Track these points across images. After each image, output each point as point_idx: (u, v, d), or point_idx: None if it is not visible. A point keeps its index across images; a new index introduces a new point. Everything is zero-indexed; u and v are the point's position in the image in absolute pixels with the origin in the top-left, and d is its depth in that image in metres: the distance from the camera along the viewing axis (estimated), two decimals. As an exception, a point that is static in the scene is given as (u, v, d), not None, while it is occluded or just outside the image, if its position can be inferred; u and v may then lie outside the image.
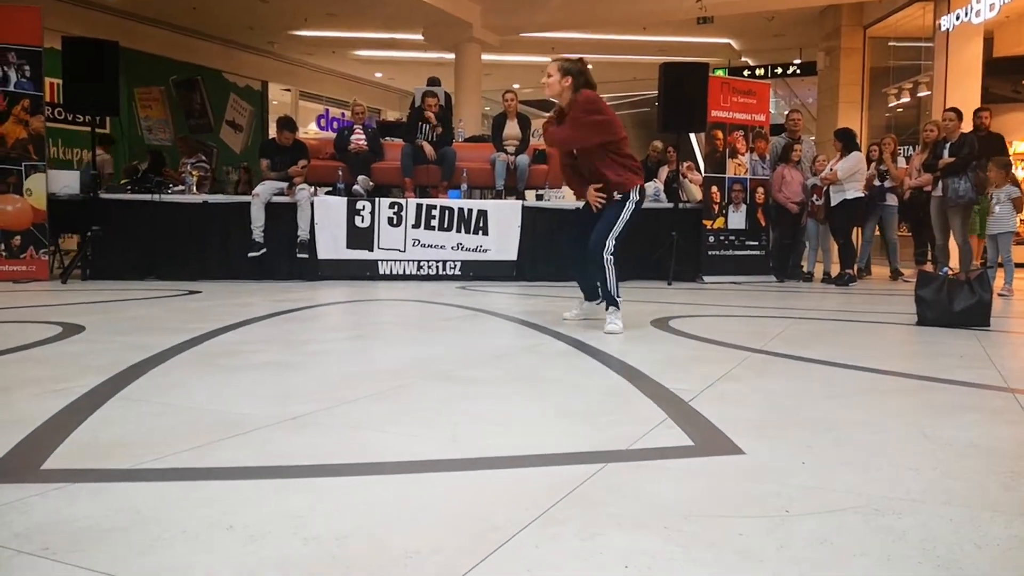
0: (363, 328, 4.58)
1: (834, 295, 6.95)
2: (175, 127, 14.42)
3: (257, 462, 1.82)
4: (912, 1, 12.21)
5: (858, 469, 1.81)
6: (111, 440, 1.98)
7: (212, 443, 1.95)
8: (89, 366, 2.95)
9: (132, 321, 4.48)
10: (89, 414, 2.22)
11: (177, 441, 1.96)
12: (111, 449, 1.90)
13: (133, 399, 2.44)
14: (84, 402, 2.37)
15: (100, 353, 3.27)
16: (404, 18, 13.76)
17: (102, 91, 7.33)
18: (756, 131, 8.61)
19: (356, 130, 8.56)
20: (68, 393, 2.47)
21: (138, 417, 2.22)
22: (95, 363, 3.01)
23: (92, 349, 3.41)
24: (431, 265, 7.82)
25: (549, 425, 2.22)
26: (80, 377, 2.72)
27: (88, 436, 2.01)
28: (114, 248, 7.42)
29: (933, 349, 3.81)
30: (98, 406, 2.32)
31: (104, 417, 2.21)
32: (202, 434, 2.02)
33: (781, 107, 19.43)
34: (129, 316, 4.73)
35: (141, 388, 2.60)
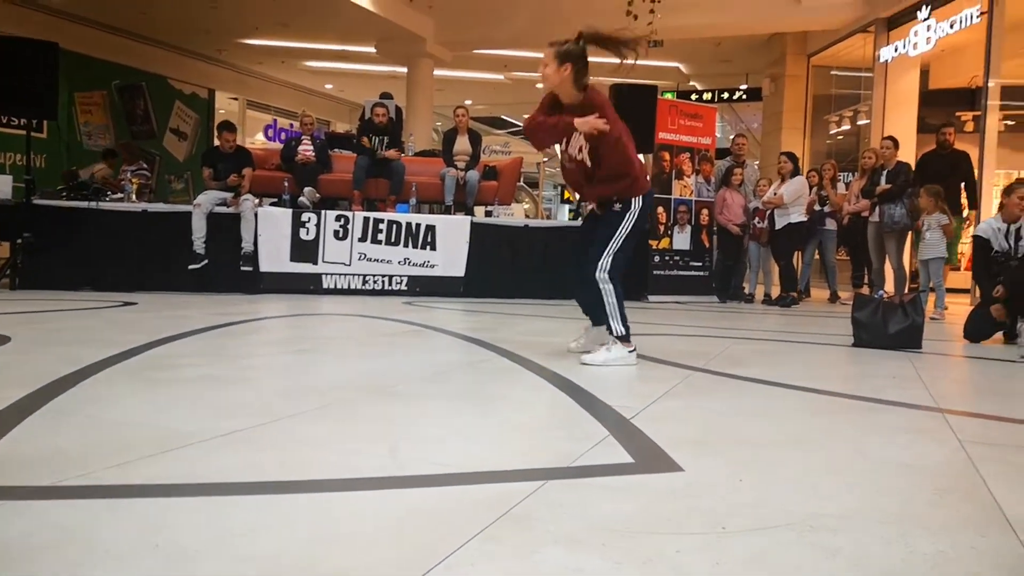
0: (304, 343, 4.51)
1: (774, 316, 7.08)
2: (116, 133, 14.09)
3: (188, 479, 1.76)
4: (853, 32, 12.60)
5: (794, 487, 1.84)
6: (35, 455, 1.90)
7: (141, 459, 1.88)
8: (13, 378, 2.84)
9: (62, 332, 4.34)
10: (12, 428, 2.13)
11: (105, 457, 1.89)
12: (35, 465, 1.83)
13: (60, 413, 2.34)
14: (7, 416, 2.27)
15: (26, 365, 3.16)
16: (357, 31, 13.69)
17: (39, 94, 7.11)
18: (702, 154, 8.78)
19: (304, 141, 8.47)
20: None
21: (65, 431, 2.14)
22: (20, 375, 2.90)
23: (18, 361, 3.28)
24: (377, 280, 7.75)
25: (491, 442, 2.20)
26: (3, 390, 2.60)
27: (11, 451, 1.93)
28: (47, 257, 7.17)
29: (868, 370, 3.90)
30: (22, 420, 2.22)
31: (28, 431, 2.12)
32: (131, 449, 1.95)
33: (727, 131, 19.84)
34: (59, 327, 4.58)
35: (68, 401, 2.50)
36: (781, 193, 8.16)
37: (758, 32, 13.99)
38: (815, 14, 12.47)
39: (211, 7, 13.29)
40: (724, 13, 12.76)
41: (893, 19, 11.68)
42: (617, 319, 3.64)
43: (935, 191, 7.02)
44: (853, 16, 12.31)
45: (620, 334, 3.64)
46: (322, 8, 12.31)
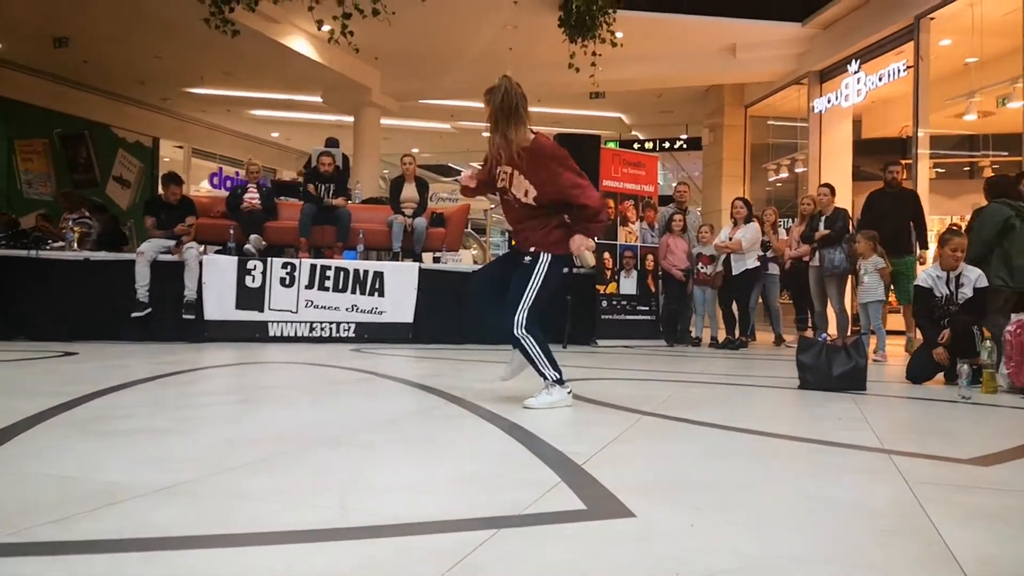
0: (248, 392, 4.42)
1: (720, 359, 7.17)
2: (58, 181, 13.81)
3: (127, 534, 1.70)
4: (788, 84, 13.08)
5: (745, 530, 1.85)
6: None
7: (79, 514, 1.81)
8: (-57, 433, 2.72)
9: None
10: (-60, 485, 2.04)
11: (40, 512, 1.82)
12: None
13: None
14: (-65, 472, 2.18)
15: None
16: (304, 80, 13.73)
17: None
18: (645, 201, 8.95)
19: (250, 188, 8.41)
20: (-83, 462, 2.27)
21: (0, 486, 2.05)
22: (-49, 429, 2.78)
23: (-52, 414, 3.15)
24: (324, 327, 7.66)
25: (442, 491, 2.17)
26: (-68, 445, 2.50)
27: (-63, 509, 1.85)
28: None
29: (814, 412, 3.96)
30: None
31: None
32: (68, 504, 1.88)
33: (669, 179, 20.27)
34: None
35: (4, 455, 2.41)
36: (739, 238, 8.33)
37: (697, 84, 14.43)
38: (750, 67, 12.95)
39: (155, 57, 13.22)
40: (664, 66, 13.17)
41: (825, 72, 12.17)
42: (547, 366, 3.67)
43: (871, 235, 7.24)
44: (786, 69, 12.81)
45: (555, 379, 3.67)
46: (268, 58, 12.33)
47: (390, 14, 8.63)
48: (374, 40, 10.33)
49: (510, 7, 10.12)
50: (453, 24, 11.27)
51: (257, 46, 11.29)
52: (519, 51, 12.43)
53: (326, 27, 8.93)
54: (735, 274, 8.42)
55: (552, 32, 10.35)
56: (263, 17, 10.07)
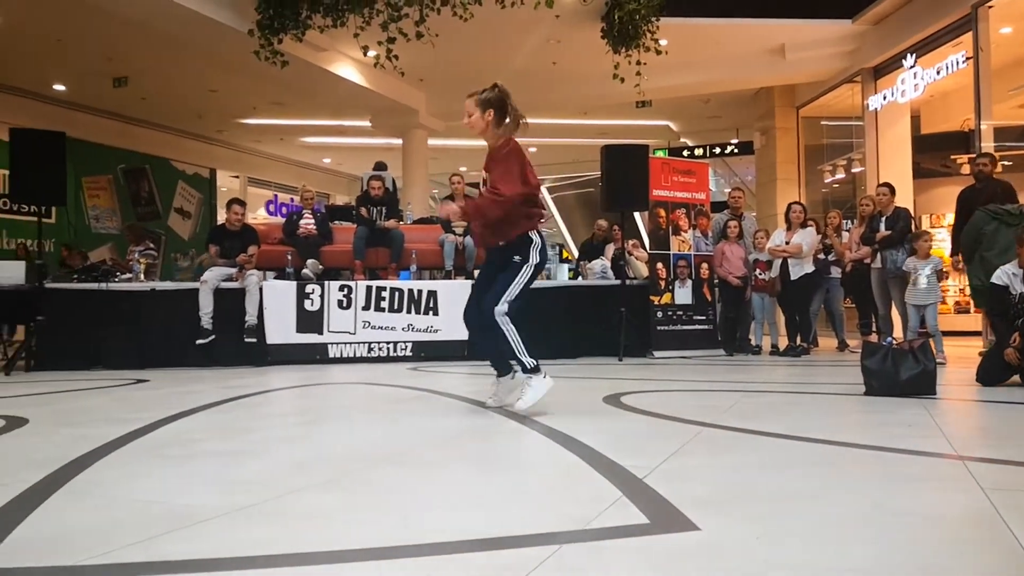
0: (312, 413, 4.51)
1: (782, 367, 7.06)
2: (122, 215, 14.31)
3: (205, 555, 1.76)
4: (840, 83, 12.85)
5: (812, 542, 1.83)
6: (57, 534, 1.91)
7: (159, 536, 1.88)
8: (33, 459, 2.85)
9: (78, 412, 4.35)
10: (33, 509, 2.14)
11: (124, 535, 1.89)
12: (56, 544, 1.83)
13: (79, 492, 2.35)
14: (29, 496, 2.28)
15: (45, 446, 3.18)
16: (352, 106, 13.98)
17: (49, 181, 7.31)
18: (698, 209, 8.87)
19: (305, 215, 8.60)
20: (12, 487, 2.38)
21: (84, 511, 2.15)
22: (39, 456, 2.91)
23: (36, 442, 3.31)
24: (382, 347, 7.77)
25: (503, 507, 2.19)
26: (24, 471, 2.62)
27: (32, 532, 1.94)
28: (60, 338, 7.25)
29: (881, 418, 3.87)
30: (42, 500, 2.24)
31: (49, 511, 2.13)
32: (149, 527, 1.95)
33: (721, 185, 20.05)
34: (74, 407, 4.60)
35: (87, 481, 2.51)
36: (797, 242, 8.21)
37: (746, 87, 14.27)
38: (801, 67, 12.74)
39: (210, 91, 13.64)
40: (711, 71, 13.04)
41: (879, 68, 11.93)
42: (523, 352, 3.82)
43: (927, 237, 7.11)
44: (839, 67, 12.58)
45: (532, 366, 3.83)
46: (317, 86, 12.61)
47: (433, 36, 8.77)
48: (419, 62, 10.49)
49: (552, 21, 10.18)
50: (496, 42, 11.38)
51: (306, 75, 11.56)
52: (563, 65, 12.47)
53: (372, 52, 9.12)
54: (793, 279, 8.28)
55: (595, 44, 10.37)
56: (310, 46, 10.31)
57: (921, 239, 7.14)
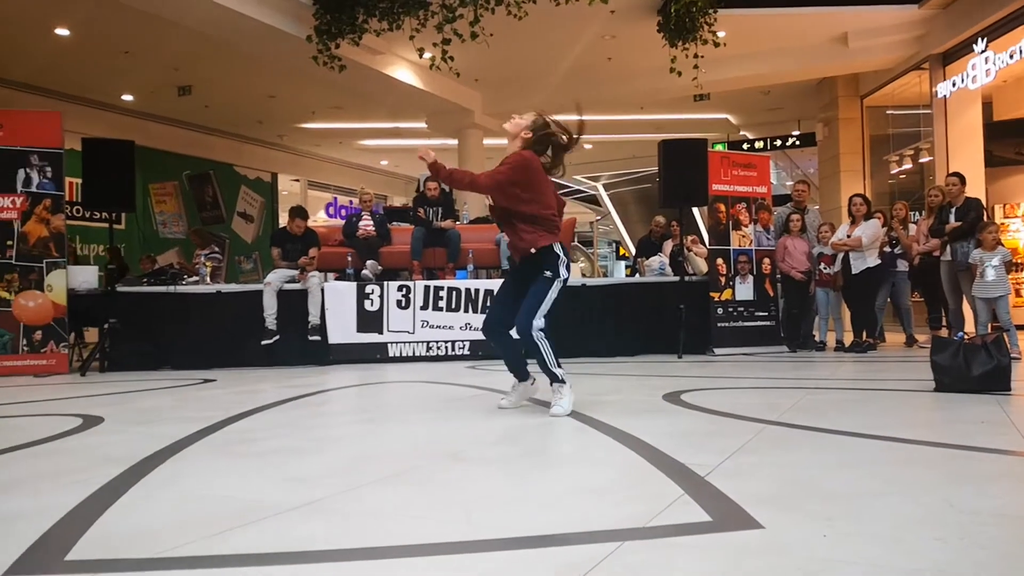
0: (373, 411, 4.57)
1: (848, 364, 6.90)
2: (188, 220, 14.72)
3: (274, 548, 1.81)
4: (907, 70, 12.45)
5: (880, 541, 1.78)
6: (132, 529, 1.99)
7: (229, 530, 1.94)
8: (109, 456, 2.96)
9: (149, 411, 4.51)
10: (111, 504, 2.24)
11: (195, 529, 1.96)
12: (133, 538, 1.91)
13: (152, 488, 2.45)
14: (106, 492, 2.38)
15: (120, 443, 3.30)
16: (408, 107, 14.12)
17: (119, 188, 7.58)
18: (759, 203, 8.72)
19: (364, 216, 8.72)
20: (91, 483, 2.49)
21: (157, 506, 2.23)
22: (115, 453, 3.02)
23: (112, 440, 3.44)
24: (440, 346, 7.84)
25: (564, 503, 2.19)
26: (101, 467, 2.74)
27: (110, 526, 2.02)
28: (131, 340, 7.50)
29: (953, 415, 3.76)
30: (119, 496, 2.33)
31: (125, 506, 2.22)
32: (219, 521, 2.02)
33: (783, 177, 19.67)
34: (146, 406, 4.76)
35: (159, 477, 2.61)
36: (859, 235, 8.01)
37: (807, 78, 13.93)
38: (865, 55, 12.38)
39: (270, 97, 13.93)
40: (770, 62, 12.78)
41: (948, 54, 11.52)
42: (555, 366, 3.94)
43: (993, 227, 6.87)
44: (905, 54, 12.20)
45: (561, 377, 3.94)
46: (373, 89, 12.76)
47: (488, 36, 8.80)
48: (474, 62, 10.53)
49: (607, 17, 10.11)
50: (551, 39, 11.35)
51: (363, 78, 11.70)
52: (618, 60, 12.39)
53: (427, 54, 9.19)
54: (854, 273, 8.09)
55: (651, 38, 10.26)
56: (367, 50, 10.44)
57: (986, 230, 6.90)
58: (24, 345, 7.32)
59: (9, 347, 7.29)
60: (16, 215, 7.40)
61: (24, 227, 7.42)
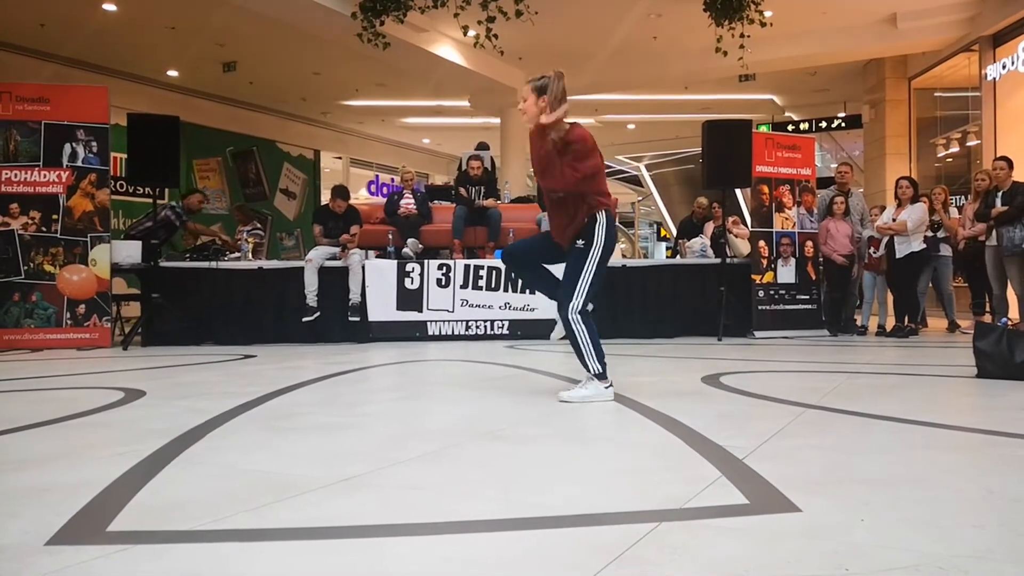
0: (413, 388, 4.62)
1: (889, 348, 6.80)
2: (231, 196, 14.91)
3: (313, 523, 1.85)
4: (956, 52, 12.15)
5: (919, 526, 1.77)
6: (172, 502, 2.03)
7: (269, 504, 1.98)
8: (151, 430, 3.03)
9: (190, 386, 4.59)
10: (152, 477, 2.29)
11: (235, 503, 2.00)
12: (172, 511, 1.95)
13: (193, 462, 2.50)
14: (147, 465, 2.44)
15: (161, 417, 3.37)
16: (451, 86, 14.13)
17: (163, 164, 7.66)
18: (803, 185, 8.59)
19: (406, 195, 8.76)
20: (132, 456, 2.54)
21: (198, 479, 2.27)
22: (156, 427, 3.09)
23: (153, 413, 3.51)
24: (479, 325, 7.88)
25: (601, 483, 2.21)
26: (143, 440, 2.80)
27: (151, 498, 2.07)
28: (173, 314, 7.62)
29: (995, 402, 3.70)
30: (160, 469, 2.38)
31: (166, 479, 2.27)
32: (259, 496, 2.06)
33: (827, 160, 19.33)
34: (187, 381, 4.85)
35: (200, 451, 2.66)
36: (904, 219, 7.89)
37: (855, 59, 13.67)
38: (914, 36, 12.10)
39: (314, 74, 14.02)
40: (817, 42, 12.55)
41: (998, 36, 11.22)
42: (593, 357, 3.65)
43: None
44: (955, 36, 11.89)
45: (597, 372, 3.66)
46: (417, 67, 12.78)
47: (533, 14, 8.75)
48: (518, 41, 10.49)
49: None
50: (595, 17, 11.26)
51: (407, 56, 11.73)
52: (663, 39, 12.25)
53: (471, 32, 9.17)
54: (899, 257, 7.97)
55: (698, 17, 10.12)
56: (411, 28, 10.45)
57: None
58: (68, 319, 7.48)
59: (53, 320, 7.45)
60: (62, 189, 7.55)
61: (69, 201, 7.56)
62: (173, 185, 8.51)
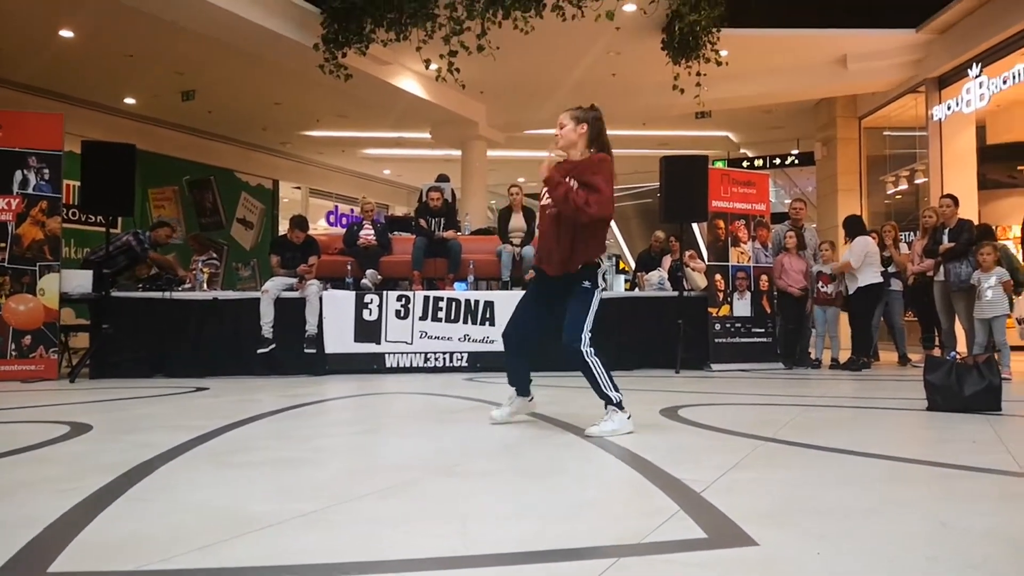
0: (370, 422, 4.57)
1: (843, 382, 6.91)
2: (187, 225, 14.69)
3: (267, 561, 1.80)
4: (904, 93, 12.57)
5: (874, 558, 1.79)
6: (120, 540, 1.97)
7: (222, 541, 1.93)
8: (97, 465, 2.94)
9: (140, 419, 4.48)
10: (97, 514, 2.22)
11: (186, 540, 1.95)
12: (120, 549, 1.89)
13: (142, 498, 2.43)
14: (92, 501, 2.36)
15: (108, 452, 3.27)
16: (413, 118, 14.18)
17: (118, 192, 7.52)
18: (757, 220, 8.76)
19: (365, 225, 8.73)
20: (76, 492, 2.46)
21: (146, 516, 2.21)
22: (103, 462, 3.00)
23: (100, 448, 3.41)
24: (438, 357, 7.83)
25: (559, 518, 2.20)
26: (88, 476, 2.71)
27: (96, 536, 2.01)
28: (123, 346, 7.43)
29: (945, 435, 3.78)
30: (106, 505, 2.31)
31: (112, 517, 2.20)
32: (211, 532, 2.01)
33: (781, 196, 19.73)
34: (137, 414, 4.73)
35: (149, 486, 2.59)
36: (846, 259, 8.12)
37: (807, 98, 14.04)
38: (863, 78, 12.50)
39: (275, 104, 13.98)
40: (772, 81, 12.88)
41: (943, 78, 11.64)
42: (611, 387, 3.71)
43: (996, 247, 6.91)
44: (902, 77, 12.30)
45: (617, 401, 3.71)
46: (379, 99, 12.82)
47: (494, 49, 8.84)
48: (479, 75, 10.59)
49: (612, 33, 10.17)
50: (556, 54, 11.42)
51: (369, 88, 11.76)
52: (622, 76, 12.45)
53: (433, 66, 9.23)
54: (850, 293, 8.20)
55: (655, 55, 10.33)
56: (373, 60, 10.49)
57: (983, 251, 6.94)
58: (13, 350, 7.23)
59: (-5, 351, 7.19)
60: (11, 217, 7.35)
61: (18, 229, 7.37)
62: (127, 214, 8.36)
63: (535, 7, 8.75)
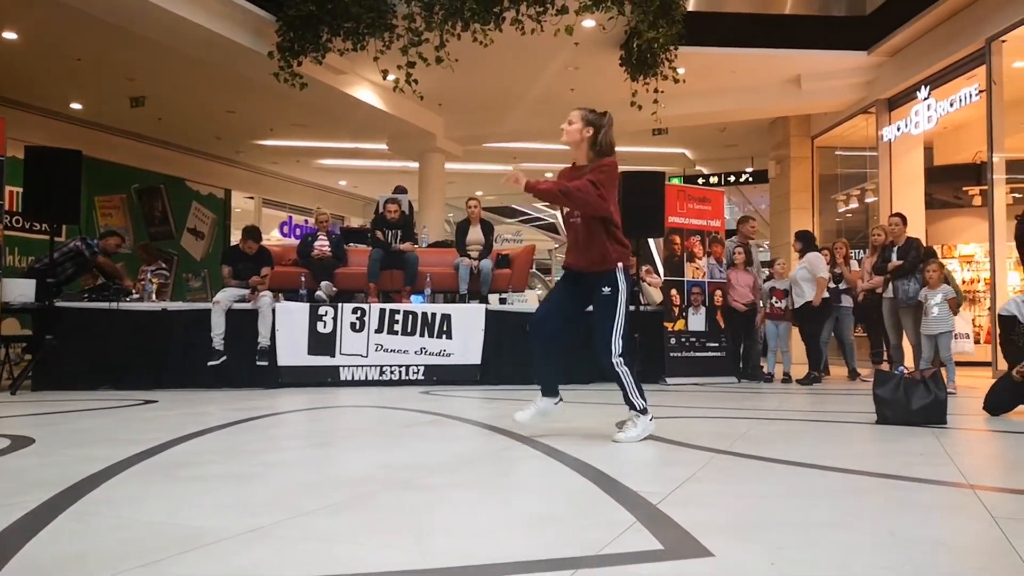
0: (323, 436, 4.50)
1: (794, 395, 7.01)
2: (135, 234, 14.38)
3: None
4: (855, 114, 12.89)
5: (827, 569, 1.80)
6: (63, 556, 1.90)
7: (169, 558, 1.87)
8: (40, 480, 2.84)
9: (85, 433, 4.34)
10: (40, 529, 2.13)
11: (133, 556, 1.88)
12: (63, 566, 1.82)
13: (86, 513, 2.34)
14: (35, 517, 2.27)
15: (51, 466, 3.16)
16: (370, 129, 14.11)
17: (63, 199, 7.34)
18: (712, 236, 8.87)
19: (320, 236, 8.64)
20: (18, 508, 2.37)
21: (91, 532, 2.13)
22: (46, 477, 2.90)
23: (42, 462, 3.29)
24: (394, 370, 7.76)
25: (516, 531, 2.17)
26: (30, 491, 2.61)
27: (39, 553, 1.93)
28: (68, 357, 7.22)
29: (894, 447, 3.84)
30: (49, 521, 2.23)
31: (56, 532, 2.12)
32: (159, 548, 1.94)
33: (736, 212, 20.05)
34: (81, 427, 4.59)
35: (94, 502, 2.50)
36: (822, 276, 8.32)
37: (761, 116, 14.33)
38: (816, 97, 12.79)
39: (228, 112, 13.80)
40: (727, 100, 13.11)
41: (893, 100, 11.96)
42: (637, 395, 3.88)
43: (941, 264, 7.11)
44: (854, 98, 12.62)
45: (642, 407, 3.87)
46: (335, 109, 12.73)
47: (453, 61, 8.84)
48: (438, 87, 10.59)
49: (571, 49, 10.25)
50: (515, 68, 11.47)
51: (325, 97, 11.67)
52: (580, 91, 12.55)
53: (391, 76, 9.20)
54: (796, 307, 8.40)
55: (614, 71, 10.44)
56: (330, 69, 10.42)
57: (930, 268, 7.12)
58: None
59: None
60: (-52, 224, 7.14)
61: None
62: (72, 222, 8.14)
63: (494, 20, 8.78)
